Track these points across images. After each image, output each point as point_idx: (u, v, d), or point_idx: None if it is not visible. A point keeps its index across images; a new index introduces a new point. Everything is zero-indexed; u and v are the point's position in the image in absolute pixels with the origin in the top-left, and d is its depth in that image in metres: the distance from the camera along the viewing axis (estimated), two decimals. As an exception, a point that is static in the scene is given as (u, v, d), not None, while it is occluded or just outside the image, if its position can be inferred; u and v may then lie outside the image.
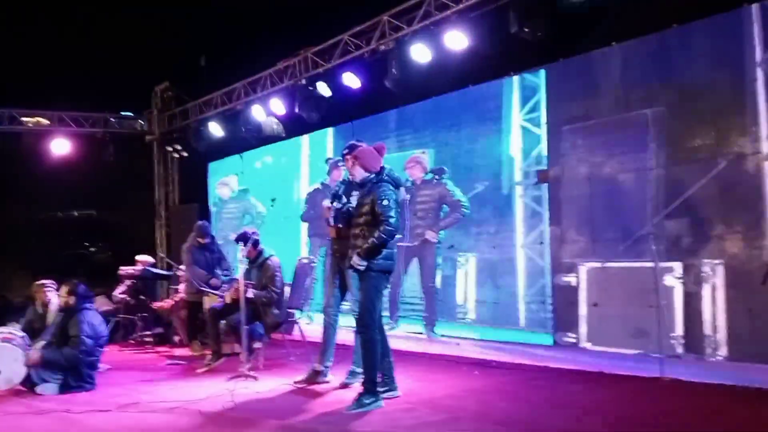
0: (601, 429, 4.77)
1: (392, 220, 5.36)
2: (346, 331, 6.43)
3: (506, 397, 5.74)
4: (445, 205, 8.62)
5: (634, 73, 6.66)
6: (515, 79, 7.77)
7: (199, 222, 9.29)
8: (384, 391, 5.55)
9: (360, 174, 5.62)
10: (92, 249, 16.46)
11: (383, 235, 5.33)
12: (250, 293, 7.04)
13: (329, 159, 10.39)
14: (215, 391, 6.13)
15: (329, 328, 6.29)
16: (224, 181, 13.15)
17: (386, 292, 5.90)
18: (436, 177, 8.71)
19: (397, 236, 5.62)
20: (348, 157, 5.88)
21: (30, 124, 12.78)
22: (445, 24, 7.99)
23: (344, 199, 5.82)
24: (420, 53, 8.23)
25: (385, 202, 5.36)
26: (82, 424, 5.23)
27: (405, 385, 5.84)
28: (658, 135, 6.39)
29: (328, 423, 5.02)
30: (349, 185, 5.97)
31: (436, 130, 8.76)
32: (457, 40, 7.83)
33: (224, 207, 13.09)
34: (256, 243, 7.39)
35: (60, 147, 12.68)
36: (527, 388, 6.07)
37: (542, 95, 7.63)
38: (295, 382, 6.35)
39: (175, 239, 13.66)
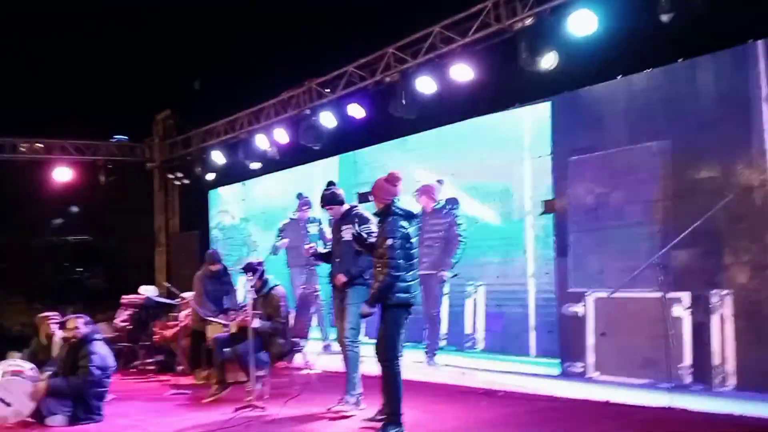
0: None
1: (393, 262, 5.22)
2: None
3: (516, 428, 5.74)
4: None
5: (639, 106, 6.73)
6: (528, 108, 7.77)
7: (209, 250, 9.31)
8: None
9: (377, 206, 5.59)
10: (86, 274, 16.36)
11: (387, 279, 5.21)
12: (257, 323, 7.04)
13: (300, 194, 10.44)
14: (225, 421, 6.12)
15: (348, 358, 6.32)
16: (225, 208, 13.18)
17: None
18: (447, 207, 8.50)
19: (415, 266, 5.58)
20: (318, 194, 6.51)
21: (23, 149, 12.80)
22: (450, 56, 8.08)
23: (367, 228, 5.86)
24: (425, 85, 8.33)
25: (389, 242, 5.22)
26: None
27: (412, 416, 5.82)
28: (664, 167, 6.45)
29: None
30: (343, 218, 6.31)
31: (444, 158, 8.70)
32: (463, 72, 7.92)
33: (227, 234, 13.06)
34: (261, 273, 7.41)
35: (61, 175, 12.72)
36: (536, 419, 6.08)
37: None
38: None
39: (175, 266, 13.67)
